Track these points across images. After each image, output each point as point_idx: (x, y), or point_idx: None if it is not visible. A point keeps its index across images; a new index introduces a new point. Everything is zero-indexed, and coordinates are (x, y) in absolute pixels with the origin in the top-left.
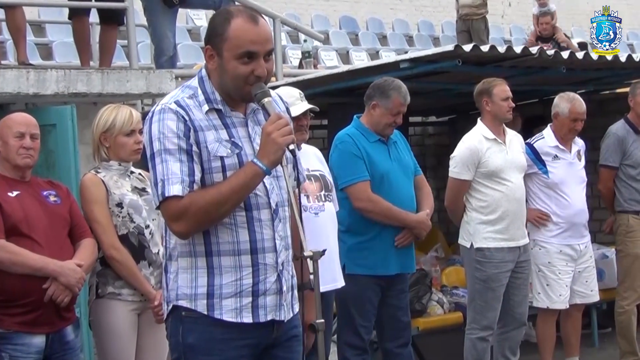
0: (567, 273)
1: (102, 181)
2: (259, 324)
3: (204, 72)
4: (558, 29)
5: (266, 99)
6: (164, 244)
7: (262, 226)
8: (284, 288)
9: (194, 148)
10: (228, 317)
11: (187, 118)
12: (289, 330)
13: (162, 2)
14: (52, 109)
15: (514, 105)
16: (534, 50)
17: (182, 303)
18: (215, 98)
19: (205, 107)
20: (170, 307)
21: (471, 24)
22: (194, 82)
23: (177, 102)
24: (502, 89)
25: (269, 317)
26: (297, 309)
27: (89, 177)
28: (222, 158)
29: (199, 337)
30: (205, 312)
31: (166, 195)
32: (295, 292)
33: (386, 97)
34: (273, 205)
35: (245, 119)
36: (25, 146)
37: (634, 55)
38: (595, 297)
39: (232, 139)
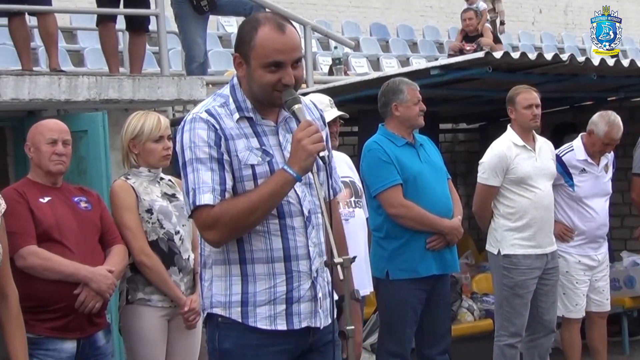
0: (584, 282)
1: (132, 187)
2: (294, 331)
3: (235, 80)
4: (487, 31)
5: (296, 106)
6: (199, 251)
7: (295, 233)
8: (319, 295)
9: (225, 157)
10: (262, 325)
11: (217, 127)
12: (326, 335)
13: (193, 9)
14: (83, 115)
15: (537, 113)
16: (564, 57)
17: (217, 311)
18: (246, 106)
19: (236, 116)
20: (205, 315)
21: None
22: (226, 90)
23: (208, 111)
24: (524, 97)
25: (304, 324)
26: (334, 315)
27: (118, 184)
28: (252, 166)
29: (235, 342)
30: (240, 320)
31: (197, 204)
32: (331, 299)
33: (400, 93)
34: (306, 212)
35: (277, 127)
36: (58, 152)
37: None
38: (608, 306)
39: (263, 147)
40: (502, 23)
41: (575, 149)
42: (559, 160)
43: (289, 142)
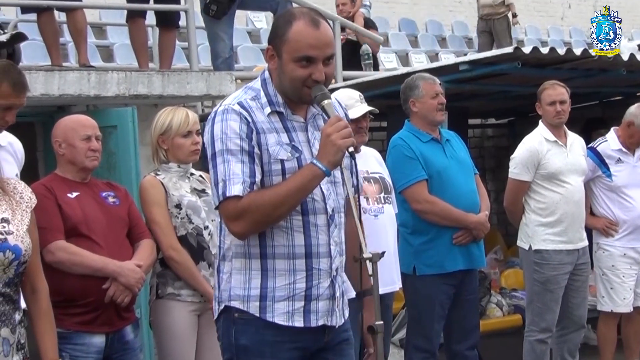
0: (631, 276)
1: (162, 183)
2: (310, 328)
3: (266, 74)
4: (358, 17)
5: (326, 101)
6: (218, 244)
7: (317, 231)
8: (337, 294)
9: (256, 150)
10: (280, 320)
11: (249, 120)
12: (340, 334)
13: (202, 12)
14: (113, 110)
15: (560, 109)
16: (593, 52)
17: (235, 304)
18: (277, 101)
19: (268, 110)
20: (222, 307)
21: (492, 23)
22: (257, 83)
23: (240, 104)
24: (548, 93)
25: (320, 322)
26: (346, 314)
27: (148, 180)
28: (282, 161)
29: (251, 338)
30: (258, 314)
31: (227, 195)
32: (346, 297)
33: (416, 88)
34: (329, 210)
35: (306, 124)
36: (93, 148)
37: None
38: None
39: (293, 143)
40: (514, 16)
41: (609, 140)
42: (593, 151)
43: (317, 139)
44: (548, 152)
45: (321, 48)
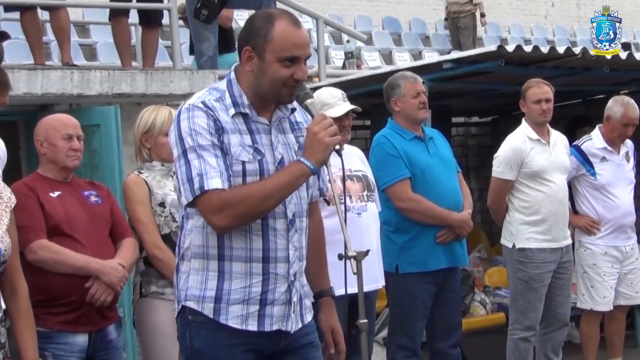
0: (612, 275)
1: (145, 181)
2: (264, 332)
3: (232, 75)
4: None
5: (309, 100)
6: (178, 243)
7: (276, 235)
8: (294, 299)
9: (224, 146)
10: (233, 324)
11: (215, 117)
12: (302, 337)
13: (193, 16)
14: (96, 109)
15: (546, 108)
16: (576, 50)
17: (190, 304)
18: (242, 102)
19: (232, 111)
20: (179, 308)
21: (458, 21)
22: (222, 84)
23: (203, 102)
24: (533, 91)
25: (275, 327)
26: (308, 318)
27: (131, 178)
28: (243, 163)
29: (205, 341)
30: (211, 316)
31: (206, 188)
32: (307, 301)
33: (397, 88)
34: (290, 215)
35: (270, 127)
36: (74, 148)
37: None
38: (639, 299)
39: (255, 145)
40: (482, 15)
41: (594, 138)
42: (577, 149)
43: (280, 143)
44: (531, 151)
45: (305, 47)
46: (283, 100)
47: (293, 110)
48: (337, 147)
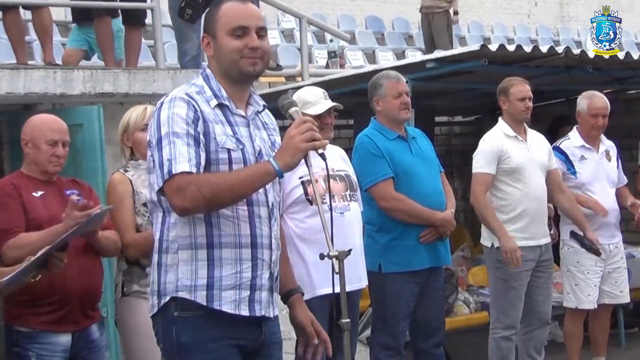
0: (596, 273)
1: (130, 180)
2: (252, 321)
3: (207, 70)
4: None
5: (292, 109)
6: (159, 237)
7: (261, 222)
8: (274, 286)
9: (201, 137)
10: (227, 309)
11: (197, 108)
12: (271, 336)
13: (177, 13)
14: (79, 109)
15: (529, 105)
16: (560, 49)
17: (182, 294)
18: (222, 94)
19: (214, 102)
20: (166, 300)
21: (432, 18)
22: (199, 81)
23: (187, 94)
24: (519, 89)
25: (263, 312)
26: (277, 311)
27: (116, 176)
28: (229, 150)
29: (193, 336)
30: (205, 303)
31: (173, 172)
32: (276, 294)
33: (379, 87)
34: (270, 204)
35: (247, 120)
36: (58, 154)
37: None
38: (625, 298)
39: (236, 136)
40: (455, 13)
41: (572, 137)
42: (558, 149)
43: (258, 136)
44: (509, 147)
45: (251, 17)
46: (247, 72)
47: (265, 106)
48: (321, 151)
